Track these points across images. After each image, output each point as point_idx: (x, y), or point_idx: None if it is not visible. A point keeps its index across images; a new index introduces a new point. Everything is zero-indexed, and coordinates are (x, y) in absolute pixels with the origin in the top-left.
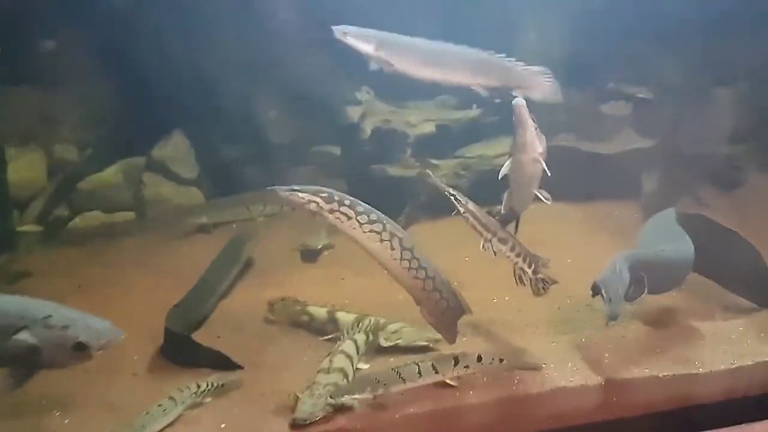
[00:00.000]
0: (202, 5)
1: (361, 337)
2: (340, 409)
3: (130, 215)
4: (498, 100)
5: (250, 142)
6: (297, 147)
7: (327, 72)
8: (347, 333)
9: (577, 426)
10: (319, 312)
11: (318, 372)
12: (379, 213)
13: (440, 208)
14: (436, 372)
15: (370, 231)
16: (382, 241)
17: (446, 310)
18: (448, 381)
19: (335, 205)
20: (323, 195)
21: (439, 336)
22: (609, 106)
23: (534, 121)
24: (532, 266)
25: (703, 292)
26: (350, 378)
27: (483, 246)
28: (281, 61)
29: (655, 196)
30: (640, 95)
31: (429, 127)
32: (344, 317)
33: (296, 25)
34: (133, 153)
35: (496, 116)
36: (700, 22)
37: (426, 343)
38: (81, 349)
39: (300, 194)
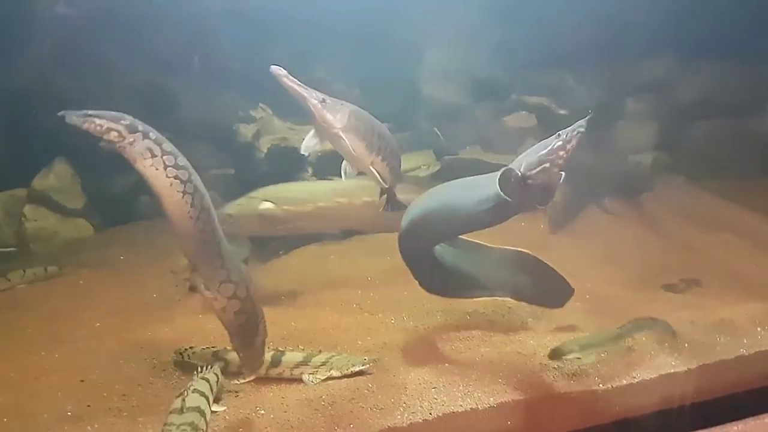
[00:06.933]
0: (85, 28)
1: (212, 377)
2: None
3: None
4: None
5: None
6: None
7: (219, 91)
8: (198, 372)
9: None
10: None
11: (170, 413)
12: (185, 159)
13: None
14: None
15: (174, 177)
16: (184, 193)
17: (244, 324)
18: None
19: (139, 136)
20: (125, 122)
21: (376, 356)
22: (512, 118)
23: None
24: None
25: None
26: (208, 417)
27: None
28: (169, 83)
29: (561, 206)
30: (562, 111)
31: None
32: (290, 356)
33: (182, 46)
34: (11, 185)
35: (406, 132)
36: (605, 37)
37: (363, 367)
38: None
39: (97, 120)
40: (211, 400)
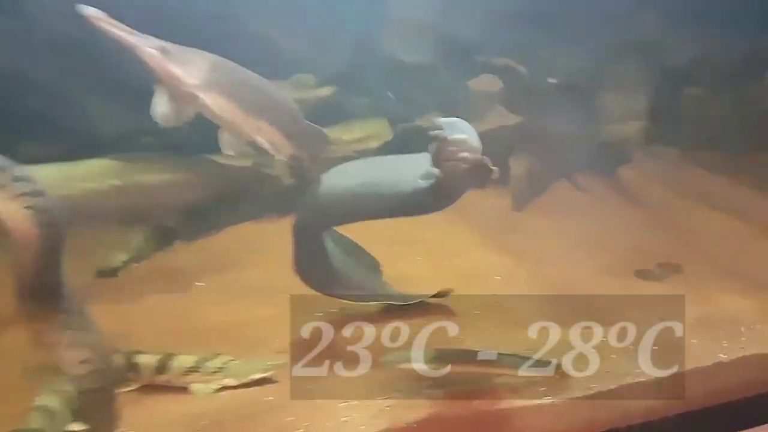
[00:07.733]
0: None
1: (70, 388)
2: None
3: None
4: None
5: (75, 137)
6: (129, 139)
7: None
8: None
9: None
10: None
11: None
12: (40, 184)
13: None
14: None
15: (28, 207)
16: (40, 225)
17: (84, 362)
18: None
19: None
20: None
21: (281, 360)
22: (477, 81)
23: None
24: None
25: None
26: None
27: None
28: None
29: (525, 180)
30: (551, 80)
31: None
32: (146, 360)
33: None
34: None
35: (366, 97)
36: None
37: (266, 375)
38: None
39: None
40: (64, 417)
